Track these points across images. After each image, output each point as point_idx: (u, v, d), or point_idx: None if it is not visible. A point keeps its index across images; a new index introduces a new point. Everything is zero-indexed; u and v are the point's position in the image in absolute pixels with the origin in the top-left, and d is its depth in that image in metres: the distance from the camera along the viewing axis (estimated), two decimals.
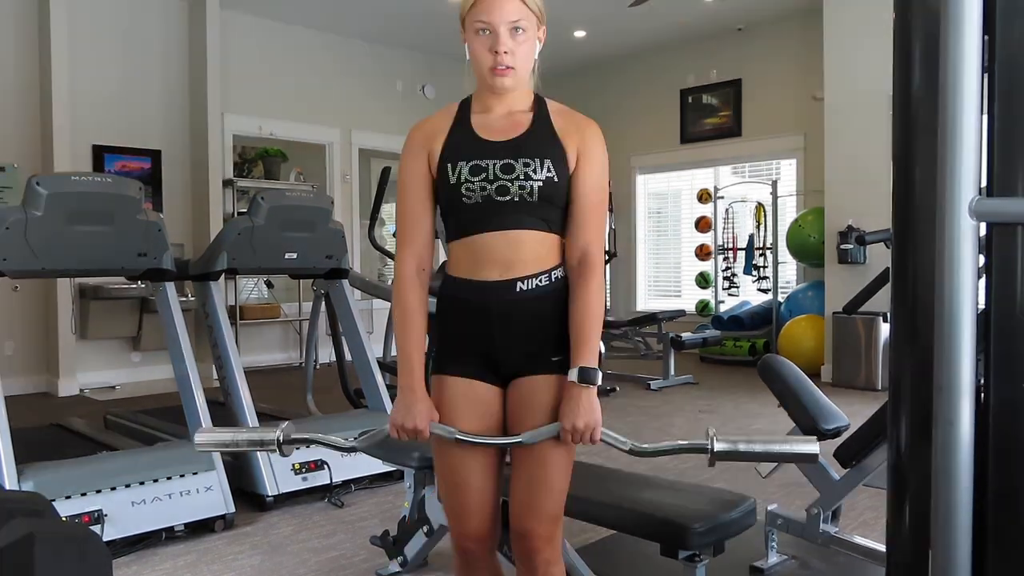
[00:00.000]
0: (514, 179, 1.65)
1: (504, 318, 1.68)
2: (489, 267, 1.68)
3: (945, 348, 1.07)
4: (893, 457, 1.26)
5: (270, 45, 8.05)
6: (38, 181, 3.14)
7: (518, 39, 1.64)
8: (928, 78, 1.15)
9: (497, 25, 1.62)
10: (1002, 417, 1.12)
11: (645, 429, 5.20)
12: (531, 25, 1.65)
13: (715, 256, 8.71)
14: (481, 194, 1.65)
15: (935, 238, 1.08)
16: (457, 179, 1.66)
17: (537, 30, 1.69)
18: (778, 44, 8.33)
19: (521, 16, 1.63)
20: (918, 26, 1.19)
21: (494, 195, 1.65)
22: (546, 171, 1.65)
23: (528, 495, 1.70)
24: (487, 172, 1.65)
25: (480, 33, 1.64)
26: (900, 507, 1.23)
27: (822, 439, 2.60)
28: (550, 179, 1.65)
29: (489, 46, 1.63)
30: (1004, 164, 1.12)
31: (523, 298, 1.68)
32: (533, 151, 1.67)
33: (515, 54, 1.64)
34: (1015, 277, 1.11)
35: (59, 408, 5.98)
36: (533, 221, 1.67)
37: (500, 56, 1.63)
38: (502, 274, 1.67)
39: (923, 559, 1.14)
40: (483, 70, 1.66)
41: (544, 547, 1.71)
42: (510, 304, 1.68)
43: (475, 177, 1.66)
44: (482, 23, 1.63)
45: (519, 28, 1.63)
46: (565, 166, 1.68)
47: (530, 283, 1.68)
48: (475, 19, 1.64)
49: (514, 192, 1.65)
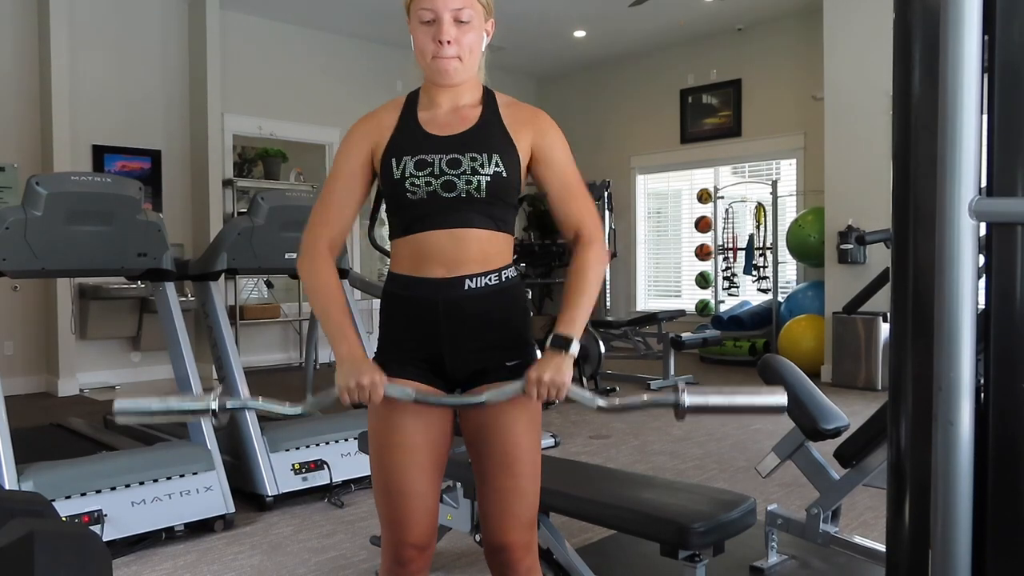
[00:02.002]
0: (461, 174, 1.59)
1: (452, 316, 1.61)
2: (434, 266, 1.61)
3: (945, 348, 1.07)
4: (893, 457, 1.26)
5: (270, 45, 8.05)
6: (38, 181, 3.14)
7: (462, 29, 1.58)
8: (928, 78, 1.15)
9: (441, 13, 1.57)
10: (1002, 417, 1.12)
11: (645, 429, 5.20)
12: (477, 15, 1.60)
13: (715, 256, 8.70)
14: (426, 189, 1.59)
15: (935, 238, 1.08)
16: (402, 174, 1.60)
17: (484, 22, 1.64)
18: (778, 44, 8.33)
19: (465, 4, 1.58)
20: (918, 26, 1.19)
21: (440, 191, 1.59)
22: (494, 166, 1.60)
23: (501, 506, 1.64)
24: (433, 167, 1.59)
25: (423, 22, 1.58)
26: (900, 507, 1.23)
27: (822, 439, 2.61)
28: (498, 174, 1.60)
29: (432, 35, 1.58)
30: (1004, 164, 1.11)
31: (472, 295, 1.61)
32: (481, 145, 1.61)
33: (459, 43, 1.58)
34: (1015, 277, 1.11)
35: (59, 408, 5.98)
36: (481, 219, 1.61)
37: (443, 46, 1.57)
38: (448, 272, 1.61)
39: (923, 559, 1.14)
40: (426, 60, 1.61)
41: (525, 556, 1.66)
42: (458, 301, 1.61)
43: (420, 172, 1.59)
44: (425, 10, 1.57)
45: (463, 18, 1.58)
46: (515, 161, 1.63)
47: (479, 281, 1.62)
48: (419, 7, 1.58)
49: (461, 188, 1.59)
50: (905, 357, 1.22)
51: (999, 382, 1.13)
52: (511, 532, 1.64)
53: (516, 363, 1.62)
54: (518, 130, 1.65)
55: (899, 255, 1.23)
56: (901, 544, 1.23)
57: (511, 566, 1.66)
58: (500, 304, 1.64)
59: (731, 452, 4.58)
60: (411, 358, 1.65)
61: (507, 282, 1.65)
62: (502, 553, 1.66)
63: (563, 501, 2.34)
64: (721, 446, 4.73)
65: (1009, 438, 1.11)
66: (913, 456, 1.20)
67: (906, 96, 1.21)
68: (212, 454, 3.38)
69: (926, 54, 1.16)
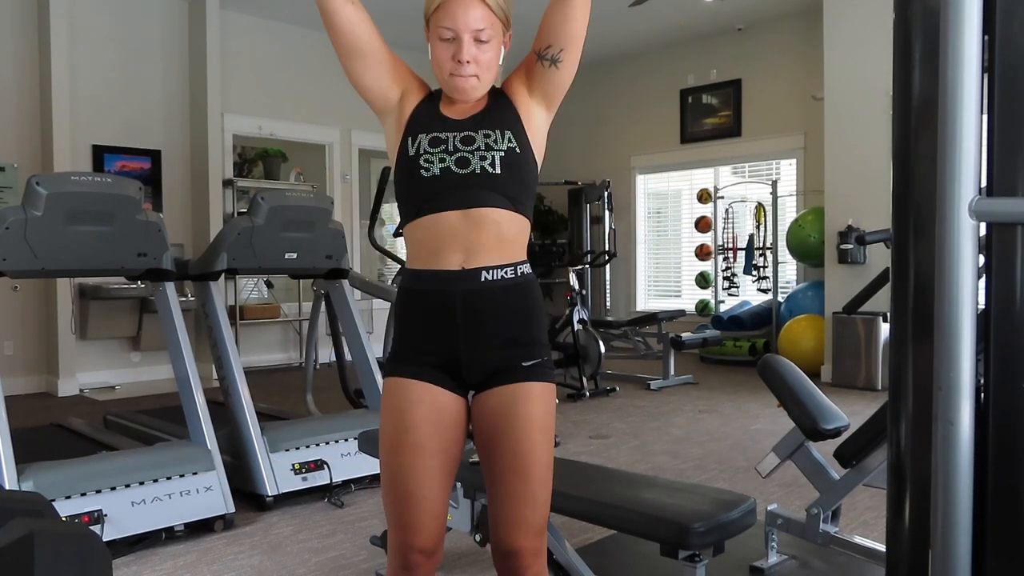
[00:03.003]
0: (475, 150, 1.59)
1: (469, 310, 1.60)
2: (449, 253, 1.60)
3: (945, 348, 1.07)
4: (893, 457, 1.26)
5: (270, 45, 8.05)
6: (38, 181, 3.14)
7: (482, 48, 1.58)
8: (928, 78, 1.15)
9: (461, 32, 1.55)
10: (1002, 417, 1.12)
11: (645, 429, 5.20)
12: (496, 34, 1.60)
13: (715, 256, 8.70)
14: (440, 166, 1.59)
15: (935, 238, 1.08)
16: (416, 151, 1.61)
17: (503, 36, 1.63)
18: (778, 44, 8.33)
19: (487, 24, 1.57)
20: (918, 26, 1.18)
21: (453, 167, 1.58)
22: (507, 141, 1.60)
23: (513, 511, 1.62)
24: (447, 144, 1.60)
25: (443, 38, 1.57)
26: (900, 507, 1.23)
27: (822, 439, 2.61)
28: (512, 149, 1.60)
29: (452, 54, 1.57)
30: (1004, 164, 1.11)
31: (489, 288, 1.60)
32: (494, 122, 1.63)
33: (478, 63, 1.58)
34: (1015, 277, 1.11)
35: (59, 408, 5.98)
36: (496, 198, 1.59)
37: (463, 66, 1.57)
38: (464, 262, 1.59)
39: (923, 559, 1.14)
40: (444, 75, 1.61)
41: (534, 562, 1.64)
42: (475, 295, 1.60)
43: (434, 149, 1.60)
44: (446, 29, 1.56)
45: (484, 38, 1.57)
46: (525, 135, 1.64)
47: (495, 274, 1.61)
48: (439, 23, 1.57)
49: (475, 164, 1.58)
50: (905, 357, 1.22)
51: (999, 382, 1.13)
52: (522, 538, 1.62)
53: (533, 363, 1.62)
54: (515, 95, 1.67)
55: (899, 255, 1.23)
56: (901, 544, 1.23)
57: (520, 571, 1.64)
58: (517, 299, 1.64)
59: (731, 452, 4.58)
60: (425, 355, 1.64)
61: (522, 277, 1.65)
62: (512, 558, 1.64)
63: (563, 501, 2.34)
64: (721, 446, 4.73)
65: (1009, 438, 1.11)
66: (913, 456, 1.20)
67: (906, 96, 1.21)
68: (212, 454, 3.38)
69: (926, 54, 1.16)
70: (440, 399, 1.63)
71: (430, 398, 1.62)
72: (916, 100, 1.19)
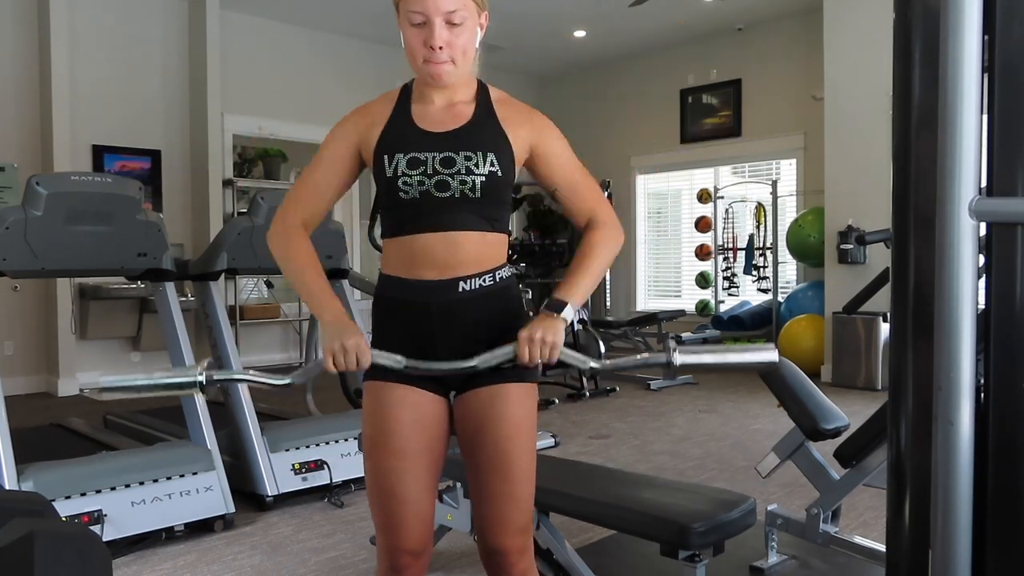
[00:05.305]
0: (455, 174, 1.54)
1: (446, 319, 1.58)
2: (426, 268, 1.57)
3: (945, 348, 1.07)
4: (893, 457, 1.26)
5: (270, 45, 8.05)
6: (38, 181, 3.14)
7: (455, 31, 1.51)
8: (928, 78, 1.14)
9: (432, 16, 1.49)
10: (1002, 417, 1.12)
11: (645, 429, 5.20)
12: (470, 14, 1.53)
13: (715, 256, 8.70)
14: (419, 188, 1.54)
15: (935, 238, 1.08)
16: (394, 172, 1.55)
17: (478, 17, 1.56)
18: (778, 44, 8.33)
19: (459, 6, 1.50)
20: (918, 26, 1.18)
21: (433, 190, 1.54)
22: (489, 165, 1.55)
23: (495, 511, 1.61)
24: (426, 166, 1.54)
25: (414, 23, 1.51)
26: (900, 507, 1.23)
27: (822, 439, 2.61)
28: (493, 173, 1.55)
29: (424, 39, 1.51)
30: (1004, 164, 1.11)
31: (466, 297, 1.58)
32: (476, 144, 1.56)
33: (452, 47, 1.52)
34: (1015, 277, 1.11)
35: (59, 408, 5.98)
36: (475, 220, 1.56)
37: (436, 52, 1.51)
38: (440, 275, 1.57)
39: (923, 559, 1.14)
40: (417, 63, 1.55)
41: (519, 560, 1.64)
42: (452, 304, 1.57)
43: (413, 171, 1.54)
44: (416, 13, 1.50)
45: (456, 20, 1.50)
46: (510, 159, 1.58)
47: (473, 283, 1.58)
48: (408, 8, 1.51)
49: (455, 187, 1.54)
50: (905, 357, 1.22)
51: (999, 382, 1.13)
52: (505, 537, 1.62)
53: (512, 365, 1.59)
54: (513, 128, 1.61)
55: (899, 255, 1.23)
56: (901, 544, 1.23)
57: (506, 569, 1.64)
58: (495, 305, 1.62)
59: (731, 452, 4.58)
60: None
61: (501, 282, 1.62)
62: (497, 557, 1.64)
63: (563, 501, 2.34)
64: (721, 446, 4.73)
65: (1009, 438, 1.11)
66: (913, 456, 1.20)
67: (906, 96, 1.21)
68: (212, 454, 3.38)
69: (926, 54, 1.16)
70: (421, 400, 1.61)
71: (411, 400, 1.61)
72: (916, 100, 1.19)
